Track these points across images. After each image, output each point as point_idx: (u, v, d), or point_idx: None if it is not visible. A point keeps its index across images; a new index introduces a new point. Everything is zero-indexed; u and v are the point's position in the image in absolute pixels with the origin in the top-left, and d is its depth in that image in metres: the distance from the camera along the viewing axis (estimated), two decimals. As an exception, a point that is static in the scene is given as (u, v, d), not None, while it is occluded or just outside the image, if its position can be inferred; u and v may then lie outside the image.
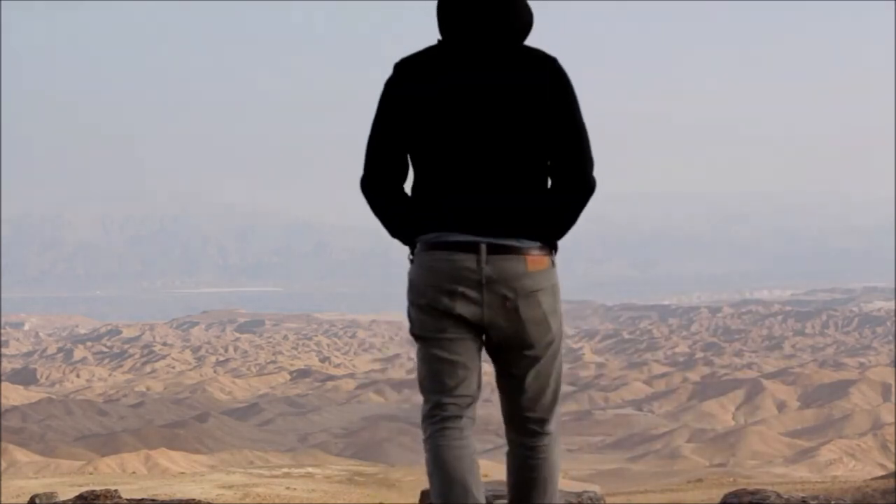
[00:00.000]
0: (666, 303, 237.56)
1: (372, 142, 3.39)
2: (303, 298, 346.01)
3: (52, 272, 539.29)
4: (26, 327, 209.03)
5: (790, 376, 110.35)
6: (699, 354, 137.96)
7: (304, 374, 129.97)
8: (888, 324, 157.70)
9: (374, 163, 3.38)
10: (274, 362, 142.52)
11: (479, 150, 3.24)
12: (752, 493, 6.09)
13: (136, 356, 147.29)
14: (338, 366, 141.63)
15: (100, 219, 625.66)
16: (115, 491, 7.18)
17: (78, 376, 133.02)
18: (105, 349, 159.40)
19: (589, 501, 6.24)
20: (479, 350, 3.37)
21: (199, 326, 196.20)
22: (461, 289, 3.24)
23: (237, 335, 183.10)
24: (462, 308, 3.26)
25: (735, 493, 6.15)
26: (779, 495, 6.01)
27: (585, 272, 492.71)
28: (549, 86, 3.24)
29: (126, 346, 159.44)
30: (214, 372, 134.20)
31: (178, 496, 28.73)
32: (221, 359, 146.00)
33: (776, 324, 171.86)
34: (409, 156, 3.36)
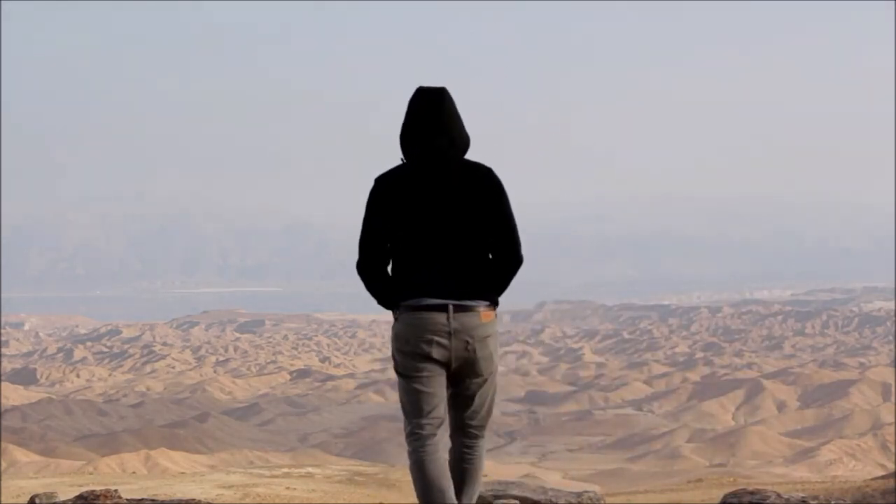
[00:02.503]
0: (666, 303, 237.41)
1: (363, 237, 4.80)
2: (303, 298, 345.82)
3: (52, 272, 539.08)
4: (26, 327, 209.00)
5: (790, 376, 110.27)
6: (699, 354, 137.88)
7: (304, 374, 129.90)
8: (888, 324, 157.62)
9: (365, 252, 4.80)
10: (274, 362, 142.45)
11: (439, 239, 4.70)
12: (752, 493, 6.08)
13: (136, 356, 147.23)
14: (338, 366, 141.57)
15: (100, 219, 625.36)
16: (115, 491, 7.19)
17: (78, 376, 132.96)
18: (105, 349, 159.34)
19: (589, 501, 6.24)
20: (446, 383, 4.79)
21: (199, 326, 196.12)
22: (436, 338, 4.70)
23: (237, 335, 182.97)
24: (436, 352, 4.72)
25: (735, 493, 6.15)
26: (779, 495, 6.01)
27: (585, 272, 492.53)
28: (488, 191, 4.73)
29: (126, 346, 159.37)
30: (214, 372, 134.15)
31: (178, 496, 28.69)
32: (221, 359, 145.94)
33: (776, 324, 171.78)
34: (389, 245, 4.79)
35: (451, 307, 4.68)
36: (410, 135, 4.80)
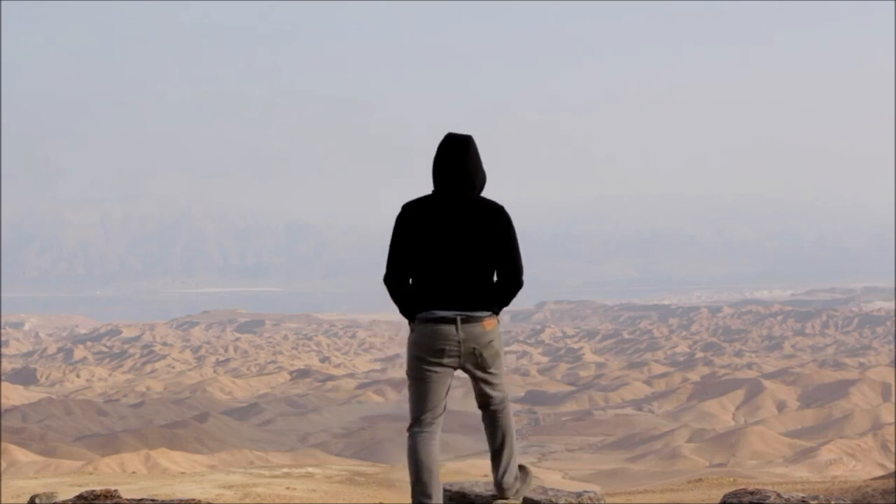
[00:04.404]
0: (666, 303, 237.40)
1: (391, 254, 5.72)
2: (303, 298, 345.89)
3: (52, 272, 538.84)
4: (26, 327, 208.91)
5: (790, 376, 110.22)
6: (699, 354, 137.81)
7: (304, 374, 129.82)
8: (888, 324, 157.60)
9: (392, 267, 5.72)
10: (274, 362, 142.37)
11: (452, 260, 5.64)
12: (752, 493, 6.08)
13: (136, 356, 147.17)
14: (338, 366, 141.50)
15: (100, 219, 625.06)
16: (115, 491, 7.18)
17: (78, 376, 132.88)
18: (105, 349, 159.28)
19: (589, 501, 6.24)
20: (450, 382, 5.79)
21: (199, 326, 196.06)
22: (447, 347, 5.68)
23: (237, 335, 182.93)
24: (446, 359, 5.71)
25: (735, 493, 6.14)
26: (779, 495, 6.01)
27: (585, 272, 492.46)
28: (497, 225, 5.65)
29: (126, 346, 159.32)
30: (214, 372, 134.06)
31: (178, 496, 28.67)
32: (221, 359, 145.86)
33: (776, 324, 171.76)
34: (411, 261, 5.70)
35: (458, 319, 5.65)
36: (438, 172, 5.75)
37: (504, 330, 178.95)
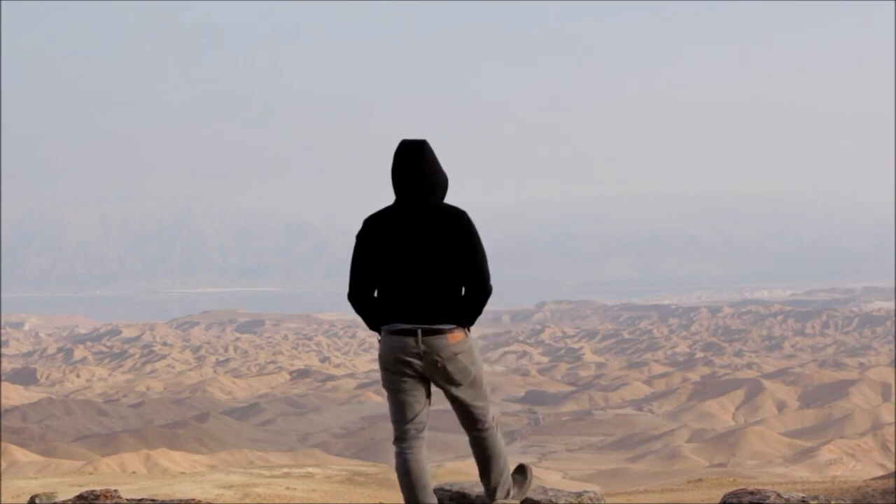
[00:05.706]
0: (666, 303, 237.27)
1: (352, 271, 5.59)
2: (303, 298, 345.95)
3: (52, 272, 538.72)
4: (26, 327, 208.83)
5: (790, 376, 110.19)
6: (699, 354, 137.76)
7: (304, 374, 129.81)
8: (888, 324, 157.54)
9: (354, 283, 5.59)
10: (274, 362, 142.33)
11: (414, 271, 5.46)
12: (752, 493, 6.08)
13: (136, 356, 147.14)
14: (338, 366, 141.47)
15: (100, 219, 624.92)
16: (115, 491, 7.19)
17: (78, 376, 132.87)
18: (105, 349, 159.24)
19: (589, 501, 6.24)
20: (427, 393, 5.63)
21: (199, 326, 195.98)
22: (409, 358, 5.50)
23: (237, 335, 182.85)
24: (410, 370, 5.53)
25: (735, 493, 6.15)
26: (779, 495, 6.01)
27: (585, 272, 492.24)
28: (460, 232, 5.46)
29: (126, 346, 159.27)
30: (214, 372, 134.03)
31: (178, 496, 28.66)
32: (221, 359, 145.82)
33: (776, 324, 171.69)
34: (375, 275, 5.54)
35: (419, 331, 5.47)
36: (396, 180, 5.59)
37: (504, 330, 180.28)
